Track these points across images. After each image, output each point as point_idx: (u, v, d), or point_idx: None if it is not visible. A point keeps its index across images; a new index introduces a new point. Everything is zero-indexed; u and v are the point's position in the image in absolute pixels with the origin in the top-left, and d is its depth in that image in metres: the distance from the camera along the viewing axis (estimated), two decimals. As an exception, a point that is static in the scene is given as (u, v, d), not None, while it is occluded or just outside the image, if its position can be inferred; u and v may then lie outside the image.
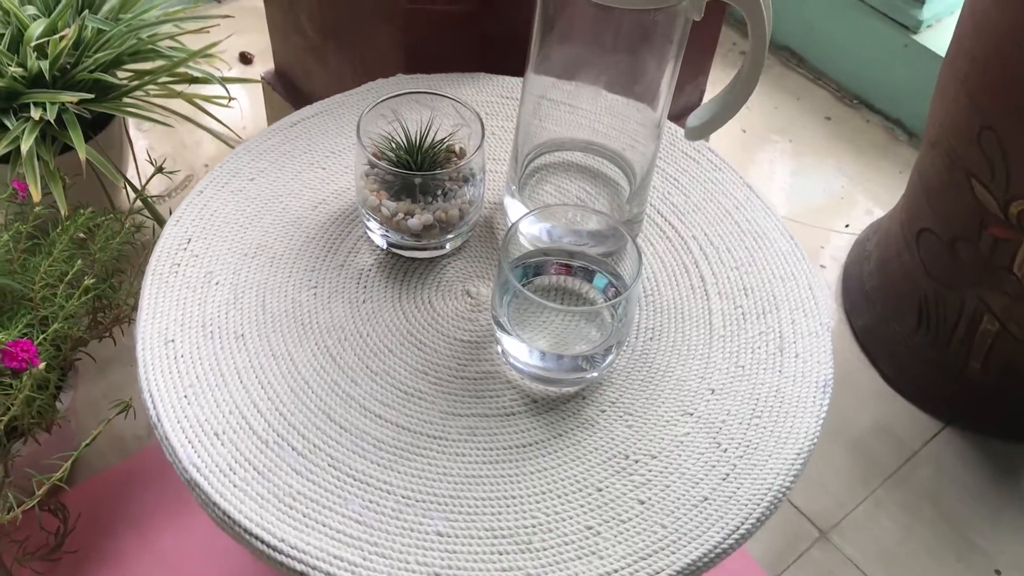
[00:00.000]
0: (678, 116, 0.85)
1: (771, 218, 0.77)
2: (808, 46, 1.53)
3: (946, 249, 1.01)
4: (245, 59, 1.42)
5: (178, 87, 1.09)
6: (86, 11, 1.00)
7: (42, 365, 0.73)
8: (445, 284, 0.71)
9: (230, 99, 1.06)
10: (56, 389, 0.87)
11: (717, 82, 1.56)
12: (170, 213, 0.74)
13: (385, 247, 0.71)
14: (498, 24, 0.91)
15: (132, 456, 1.00)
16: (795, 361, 0.68)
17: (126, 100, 1.02)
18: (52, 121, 0.95)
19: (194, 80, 1.09)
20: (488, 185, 0.76)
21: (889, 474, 1.07)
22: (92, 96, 0.95)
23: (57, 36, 0.94)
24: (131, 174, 1.14)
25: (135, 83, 1.04)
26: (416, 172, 0.69)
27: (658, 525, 0.59)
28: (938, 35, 1.38)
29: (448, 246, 0.71)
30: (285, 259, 0.71)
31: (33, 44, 0.96)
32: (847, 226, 1.31)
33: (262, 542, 0.57)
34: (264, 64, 1.37)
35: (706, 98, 1.14)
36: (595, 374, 0.65)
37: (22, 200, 0.88)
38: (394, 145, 0.70)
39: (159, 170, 0.91)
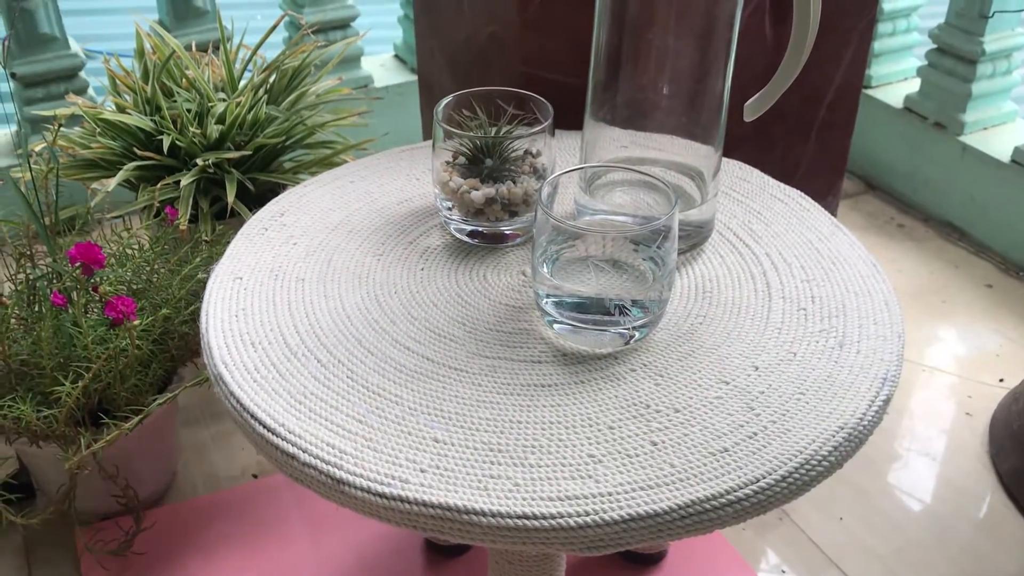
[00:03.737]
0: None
1: (856, 249, 0.74)
2: (970, 219, 1.48)
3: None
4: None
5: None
6: (265, 96, 1.15)
7: (138, 322, 0.79)
8: (503, 265, 0.72)
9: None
10: (159, 387, 0.92)
11: (879, 249, 1.52)
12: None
13: (452, 230, 0.74)
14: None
15: (220, 492, 1.03)
16: (856, 356, 0.63)
17: (285, 174, 1.14)
18: (212, 173, 1.08)
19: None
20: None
21: (1033, 625, 0.91)
22: (250, 153, 1.08)
23: (233, 102, 1.09)
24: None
25: (295, 165, 1.17)
26: (488, 157, 0.73)
27: (667, 464, 0.55)
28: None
29: (508, 231, 0.73)
30: (360, 233, 0.75)
31: (215, 116, 1.11)
32: (1001, 380, 1.20)
33: (263, 426, 0.58)
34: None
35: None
36: (627, 330, 0.62)
37: (171, 224, 0.99)
38: (472, 126, 0.74)
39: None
